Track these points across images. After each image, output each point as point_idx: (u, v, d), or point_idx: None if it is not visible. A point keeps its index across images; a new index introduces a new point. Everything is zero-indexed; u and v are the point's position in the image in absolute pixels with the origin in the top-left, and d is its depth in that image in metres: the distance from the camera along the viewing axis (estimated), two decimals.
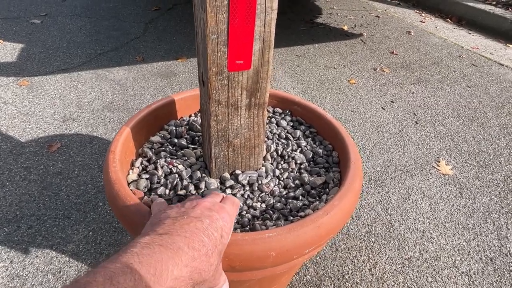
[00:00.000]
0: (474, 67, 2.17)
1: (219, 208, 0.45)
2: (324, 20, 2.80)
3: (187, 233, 0.37)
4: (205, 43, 0.49)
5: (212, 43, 0.48)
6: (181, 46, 2.17)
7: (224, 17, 0.46)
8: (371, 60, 2.17)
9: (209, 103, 0.55)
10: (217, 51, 0.49)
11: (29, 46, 2.05)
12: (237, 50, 0.50)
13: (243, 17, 0.47)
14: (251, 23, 0.48)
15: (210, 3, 0.44)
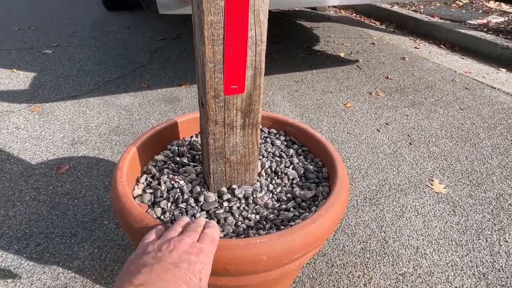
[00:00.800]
0: (467, 90, 2.25)
1: (197, 250, 0.44)
2: (321, 47, 2.93)
3: (164, 283, 0.37)
4: (203, 71, 0.56)
5: (210, 70, 0.55)
6: (185, 73, 2.28)
7: (220, 49, 0.53)
8: (367, 84, 2.26)
9: (207, 123, 0.61)
10: (214, 78, 0.56)
11: (41, 75, 2.16)
12: (232, 77, 0.57)
13: (237, 49, 0.54)
14: (244, 54, 0.55)
15: (208, 37, 0.52)
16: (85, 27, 3.19)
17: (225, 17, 0.51)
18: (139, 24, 3.35)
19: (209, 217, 0.63)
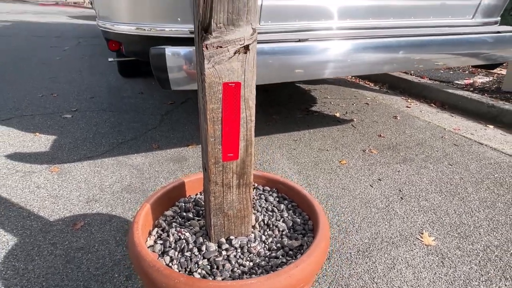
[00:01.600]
0: (456, 147, 2.39)
1: None
2: (318, 108, 3.16)
3: None
4: (206, 143, 0.71)
5: (211, 143, 0.71)
6: (192, 134, 2.48)
7: (219, 127, 0.70)
8: (361, 142, 2.42)
9: (209, 184, 0.76)
10: (214, 148, 0.72)
11: (61, 138, 2.37)
12: (228, 147, 0.72)
13: (232, 127, 0.70)
14: (237, 130, 0.71)
15: (210, 119, 0.68)
16: (102, 93, 3.49)
17: (222, 105, 0.67)
18: (151, 89, 3.66)
19: (209, 264, 0.75)
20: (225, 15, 0.63)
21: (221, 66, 0.66)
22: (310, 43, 1.42)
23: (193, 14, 0.65)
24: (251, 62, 0.68)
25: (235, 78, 0.68)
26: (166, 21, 1.57)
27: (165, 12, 1.56)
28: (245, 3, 0.63)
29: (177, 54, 1.27)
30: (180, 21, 1.56)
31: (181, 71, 1.30)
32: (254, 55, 0.68)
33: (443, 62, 1.76)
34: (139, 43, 1.73)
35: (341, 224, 1.54)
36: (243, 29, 0.65)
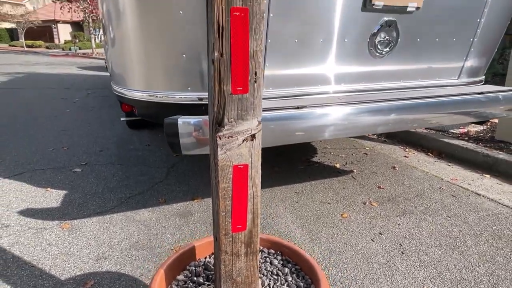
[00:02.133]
0: (454, 198, 2.46)
1: None
2: (319, 159, 3.27)
3: None
4: (218, 217, 0.81)
5: (222, 217, 0.80)
6: (197, 188, 2.56)
7: (229, 203, 0.79)
8: (361, 194, 2.49)
9: (220, 253, 0.84)
10: (225, 222, 0.81)
11: (71, 192, 2.46)
12: (237, 220, 0.82)
13: (240, 202, 0.80)
14: (245, 205, 0.81)
15: (221, 196, 0.78)
16: (110, 145, 3.64)
17: (232, 184, 0.78)
18: (158, 141, 3.81)
19: None
20: (236, 112, 0.75)
21: (231, 152, 0.77)
22: (308, 109, 1.56)
23: (208, 109, 0.78)
24: (257, 147, 0.79)
25: (243, 161, 0.78)
26: (177, 89, 1.74)
27: (177, 82, 1.73)
28: (252, 102, 0.76)
29: (188, 123, 1.40)
30: (190, 89, 1.73)
31: (191, 137, 1.42)
32: (259, 141, 0.80)
33: (433, 122, 1.89)
34: (151, 107, 1.88)
35: (344, 281, 1.58)
36: (250, 121, 0.77)
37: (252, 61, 0.74)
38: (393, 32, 1.94)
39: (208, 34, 0.74)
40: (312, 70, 1.87)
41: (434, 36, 2.07)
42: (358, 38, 1.89)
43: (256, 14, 0.72)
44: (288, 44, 1.75)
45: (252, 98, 0.76)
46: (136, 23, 1.69)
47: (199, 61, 1.67)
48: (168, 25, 1.60)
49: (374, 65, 2.00)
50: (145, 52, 1.74)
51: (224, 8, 0.69)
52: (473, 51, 2.23)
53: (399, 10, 1.87)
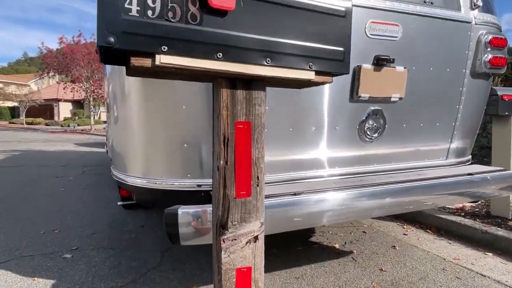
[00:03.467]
0: (459, 280, 2.38)
1: None
2: (317, 238, 3.20)
3: None
4: None
5: None
6: (193, 274, 2.45)
7: None
8: (363, 278, 2.40)
9: None
10: None
11: (59, 282, 2.33)
12: None
13: None
14: None
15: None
16: (103, 227, 3.55)
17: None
18: (152, 221, 3.73)
19: None
20: (239, 215, 0.78)
21: (235, 254, 0.78)
22: (305, 196, 1.60)
23: (212, 213, 0.81)
24: (260, 248, 0.81)
25: (247, 263, 0.79)
26: (177, 176, 1.78)
27: (177, 169, 1.78)
28: (255, 204, 0.79)
29: (187, 213, 1.41)
30: (190, 176, 1.77)
31: (190, 227, 1.42)
32: (262, 243, 0.81)
33: (428, 204, 1.92)
34: (150, 194, 1.90)
35: None
36: (253, 223, 0.80)
37: (254, 167, 0.79)
38: (380, 119, 2.08)
39: (213, 143, 0.80)
40: (307, 155, 1.95)
41: (418, 122, 2.22)
42: (348, 125, 2.02)
43: (257, 126, 0.79)
44: (283, 132, 1.86)
45: (255, 201, 0.80)
46: (141, 113, 1.80)
47: (199, 150, 1.74)
48: (172, 118, 1.71)
49: (365, 150, 2.10)
50: (147, 141, 1.82)
51: (229, 122, 0.76)
52: (456, 133, 2.37)
53: (384, 100, 2.03)
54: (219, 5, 0.68)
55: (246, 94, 0.78)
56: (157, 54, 0.67)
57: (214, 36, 0.70)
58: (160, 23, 0.66)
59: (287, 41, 0.76)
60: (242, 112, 0.78)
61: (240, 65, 0.73)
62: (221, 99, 0.77)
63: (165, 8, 0.66)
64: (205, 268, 2.56)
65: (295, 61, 0.78)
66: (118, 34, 0.64)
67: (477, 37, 2.25)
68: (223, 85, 0.77)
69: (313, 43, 0.79)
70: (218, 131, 0.77)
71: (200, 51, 0.68)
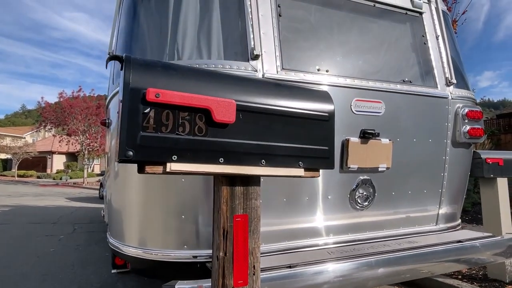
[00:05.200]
0: None
1: None
2: None
3: None
4: None
5: None
6: None
7: None
8: None
9: None
10: None
11: None
12: None
13: None
14: None
15: None
16: None
17: None
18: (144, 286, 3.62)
19: None
20: None
21: None
22: (300, 269, 1.63)
23: None
24: None
25: None
26: (173, 247, 1.81)
27: (174, 240, 1.82)
28: None
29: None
30: (186, 247, 1.80)
31: None
32: None
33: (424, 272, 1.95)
34: (145, 264, 1.91)
35: None
36: None
37: (251, 256, 0.86)
38: (370, 188, 2.18)
39: (213, 235, 0.88)
40: (300, 224, 2.01)
41: (406, 189, 2.32)
42: (340, 194, 2.11)
43: (254, 218, 0.88)
44: (277, 202, 1.94)
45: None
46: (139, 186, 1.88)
47: (196, 221, 1.80)
48: (171, 188, 1.79)
49: (357, 217, 2.17)
50: (145, 210, 1.88)
51: (228, 216, 0.85)
52: (444, 199, 2.46)
53: (372, 170, 2.15)
54: (222, 120, 0.81)
55: (244, 190, 0.88)
56: (168, 163, 0.78)
57: (217, 144, 0.81)
58: (171, 137, 0.78)
59: (280, 144, 0.88)
60: (240, 206, 0.87)
61: (238, 167, 0.83)
62: (221, 195, 0.86)
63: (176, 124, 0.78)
64: None
65: (286, 161, 0.89)
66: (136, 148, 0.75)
67: (454, 110, 2.44)
68: (224, 182, 0.86)
69: (302, 145, 0.90)
70: (218, 224, 0.85)
71: (205, 158, 0.79)
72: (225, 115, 0.80)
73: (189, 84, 0.81)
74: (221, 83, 0.85)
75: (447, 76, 2.44)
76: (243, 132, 0.84)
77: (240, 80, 0.90)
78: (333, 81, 2.08)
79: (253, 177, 0.89)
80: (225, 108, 0.80)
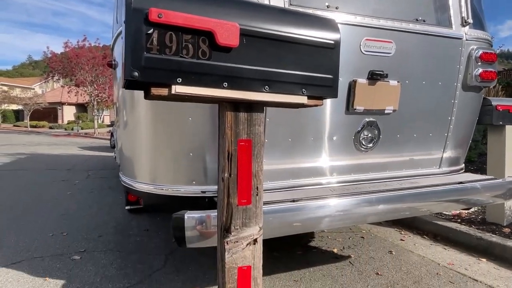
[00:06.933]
0: (452, 284, 2.47)
1: None
2: (316, 243, 3.31)
3: None
4: None
5: None
6: (196, 276, 2.56)
7: None
8: (359, 282, 2.50)
9: None
10: None
11: (69, 282, 2.45)
12: None
13: None
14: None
15: None
16: (109, 230, 3.67)
17: (237, 284, 0.88)
18: (156, 225, 3.85)
19: None
20: (241, 220, 0.90)
21: (237, 255, 0.90)
22: (303, 202, 1.71)
23: (217, 219, 0.93)
24: (259, 250, 0.92)
25: (247, 263, 0.90)
26: (183, 183, 1.90)
27: (183, 176, 1.90)
28: (254, 211, 0.91)
29: (193, 218, 1.53)
30: (195, 183, 1.89)
31: (195, 231, 1.54)
32: (261, 245, 0.93)
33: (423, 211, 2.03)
34: (156, 199, 2.02)
35: None
36: (253, 228, 0.91)
37: (254, 178, 0.91)
38: (375, 130, 2.20)
39: (219, 158, 0.92)
40: (305, 164, 2.07)
41: (412, 132, 2.33)
42: (345, 135, 2.14)
43: (257, 143, 0.91)
44: (283, 142, 1.98)
45: (254, 208, 0.92)
46: (149, 125, 1.92)
47: (203, 158, 1.86)
48: (178, 128, 1.83)
49: (360, 159, 2.22)
50: (155, 150, 1.94)
51: (232, 140, 0.89)
52: (449, 143, 2.48)
53: (378, 112, 2.15)
54: (225, 43, 0.81)
55: (248, 116, 0.91)
56: (173, 85, 0.80)
57: (221, 68, 0.82)
58: (176, 59, 0.79)
59: (283, 71, 0.88)
60: (244, 131, 0.90)
61: (242, 93, 0.85)
62: (226, 120, 0.89)
63: (180, 47, 0.78)
64: (207, 271, 2.67)
65: (290, 88, 0.90)
66: (141, 69, 0.77)
67: (468, 52, 2.37)
68: (228, 108, 0.89)
69: (306, 72, 0.91)
70: (223, 148, 0.89)
71: (209, 82, 0.81)
72: (228, 38, 0.80)
73: (193, 5, 0.80)
74: (225, 6, 0.84)
75: (463, 15, 2.33)
76: (247, 57, 0.84)
77: (244, 4, 0.88)
78: (343, 18, 2.00)
79: (256, 103, 0.91)
80: (228, 31, 0.80)
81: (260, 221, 0.92)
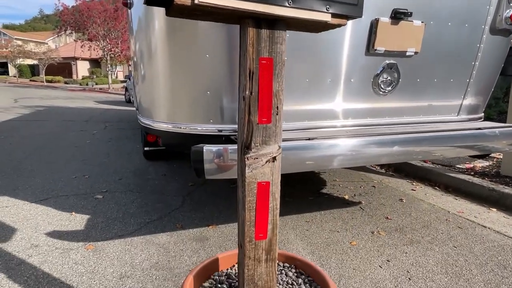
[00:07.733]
0: (460, 229, 2.54)
1: None
2: (328, 190, 3.39)
3: None
4: (243, 226, 0.95)
5: (247, 226, 0.95)
6: (211, 215, 2.70)
7: (253, 214, 0.94)
8: (369, 224, 2.59)
9: (244, 259, 0.97)
10: (249, 231, 0.95)
11: (94, 217, 2.62)
12: (260, 229, 0.96)
13: (263, 213, 0.95)
14: (266, 217, 0.96)
15: (247, 208, 0.93)
16: (128, 175, 3.83)
17: (256, 198, 0.93)
18: (173, 171, 3.99)
19: None
20: (261, 138, 0.93)
21: (256, 171, 0.94)
22: (318, 141, 1.73)
23: (238, 136, 0.96)
24: (277, 168, 0.96)
25: (266, 178, 0.95)
26: (200, 122, 1.94)
27: (200, 115, 1.93)
28: (274, 130, 0.94)
29: (211, 151, 1.58)
30: (212, 122, 1.93)
31: (213, 163, 1.60)
32: (279, 163, 0.96)
33: (436, 155, 2.03)
34: (174, 138, 2.07)
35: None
36: (272, 146, 0.94)
37: (275, 98, 0.93)
38: (395, 73, 2.14)
39: (240, 76, 0.93)
40: (321, 106, 2.06)
41: (432, 77, 2.27)
42: (363, 78, 2.10)
43: (279, 62, 0.91)
44: (300, 83, 1.96)
45: (274, 127, 0.94)
46: (166, 63, 1.92)
47: (220, 97, 1.88)
48: (196, 66, 1.83)
49: (378, 102, 2.19)
50: (173, 89, 1.96)
51: (254, 58, 0.89)
52: (470, 90, 2.41)
53: (399, 54, 2.09)
54: None
55: (270, 33, 0.90)
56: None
57: None
58: None
59: None
60: (266, 50, 0.90)
61: (264, 6, 0.83)
62: (247, 37, 0.88)
63: None
64: (221, 211, 2.79)
65: (313, 3, 0.88)
66: None
67: None
68: (250, 24, 0.88)
69: None
70: (245, 66, 0.90)
71: None
72: None
73: None
74: None
75: None
76: None
77: None
78: None
79: (278, 20, 0.90)
80: None
81: (279, 140, 0.95)
